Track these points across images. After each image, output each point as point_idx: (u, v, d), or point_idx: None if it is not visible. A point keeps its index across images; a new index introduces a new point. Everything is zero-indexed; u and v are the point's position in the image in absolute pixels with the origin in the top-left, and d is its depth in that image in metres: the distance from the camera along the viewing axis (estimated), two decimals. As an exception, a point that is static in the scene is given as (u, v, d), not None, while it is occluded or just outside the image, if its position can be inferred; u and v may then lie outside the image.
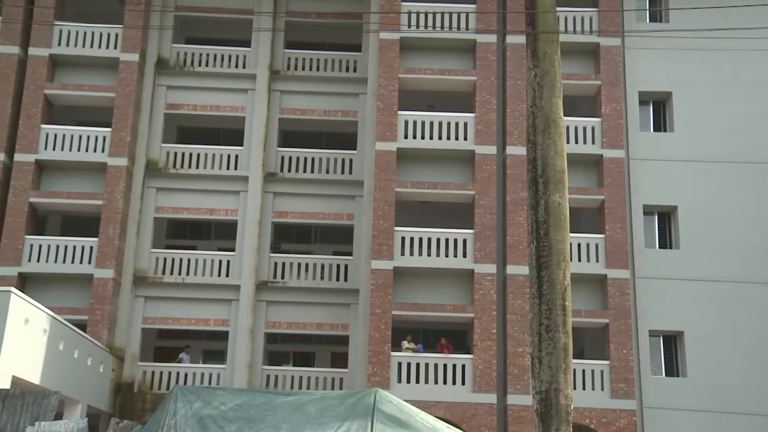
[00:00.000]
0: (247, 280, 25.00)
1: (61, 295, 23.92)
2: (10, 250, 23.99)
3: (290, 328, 25.34)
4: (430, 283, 24.03)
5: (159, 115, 26.45)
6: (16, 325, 16.73)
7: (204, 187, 25.95)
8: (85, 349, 21.12)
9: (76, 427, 13.60)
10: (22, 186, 24.62)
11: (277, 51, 27.14)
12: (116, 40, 26.04)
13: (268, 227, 25.83)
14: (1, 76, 25.08)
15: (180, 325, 25.36)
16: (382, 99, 24.85)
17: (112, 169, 24.96)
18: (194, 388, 15.05)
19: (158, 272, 25.26)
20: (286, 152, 26.58)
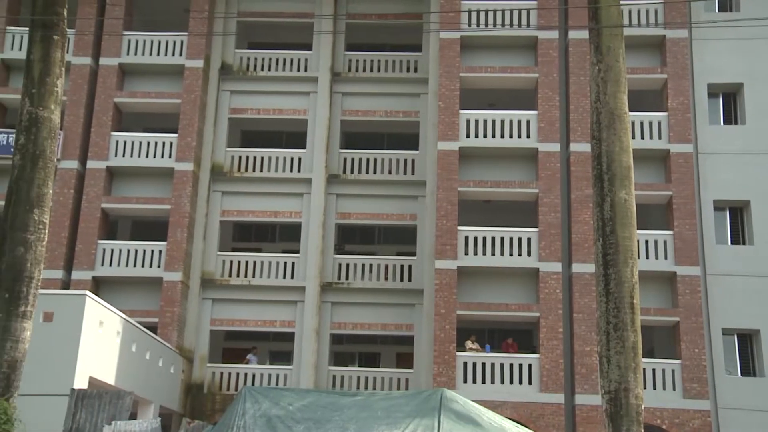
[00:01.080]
0: (312, 281, 25.23)
1: (132, 298, 24.53)
2: (84, 255, 24.71)
3: (355, 329, 25.48)
4: (494, 283, 23.86)
5: (223, 119, 26.91)
6: (92, 327, 17.23)
7: (268, 190, 26.28)
8: (157, 351, 21.62)
9: (150, 427, 13.93)
10: (95, 192, 25.33)
11: (338, 53, 27.33)
12: (181, 47, 26.61)
13: (332, 229, 26.02)
14: (74, 86, 25.86)
15: (247, 327, 25.73)
16: (443, 98, 24.79)
17: (179, 173, 25.49)
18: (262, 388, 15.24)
19: (225, 275, 25.68)
20: (348, 154, 26.74)
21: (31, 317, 12.24)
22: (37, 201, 12.60)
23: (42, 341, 14.95)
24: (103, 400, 13.30)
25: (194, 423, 15.86)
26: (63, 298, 17.89)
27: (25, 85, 13.04)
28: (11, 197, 12.63)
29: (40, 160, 12.72)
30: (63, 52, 13.34)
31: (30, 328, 12.18)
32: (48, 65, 13.02)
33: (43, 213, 12.66)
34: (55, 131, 13.08)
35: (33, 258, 12.36)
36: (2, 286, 12.12)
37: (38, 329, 13.60)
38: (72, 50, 25.57)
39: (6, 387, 11.62)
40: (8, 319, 11.87)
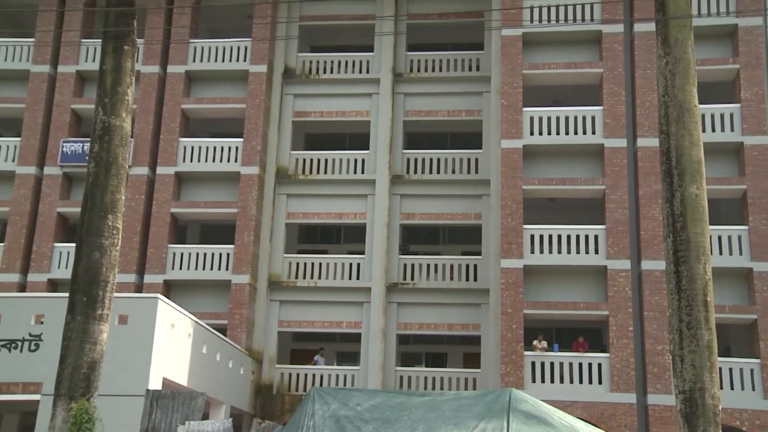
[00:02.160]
0: (378, 282, 25.31)
1: (202, 301, 25.01)
2: (156, 259, 25.30)
3: (421, 329, 25.47)
4: (561, 281, 23.58)
5: (287, 123, 27.23)
6: (164, 330, 17.62)
7: (332, 192, 26.48)
8: (227, 352, 21.99)
9: (222, 427, 14.18)
10: (164, 197, 25.91)
11: (400, 54, 27.37)
12: (245, 53, 27.02)
13: (397, 229, 26.07)
14: (144, 94, 26.51)
15: (314, 328, 25.96)
16: (506, 96, 24.60)
17: (244, 177, 25.88)
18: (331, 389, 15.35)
19: (291, 276, 25.96)
20: (411, 154, 26.75)
21: (108, 320, 12.59)
22: (110, 207, 12.95)
23: (117, 343, 15.35)
24: (176, 401, 13.60)
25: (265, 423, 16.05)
26: (136, 301, 18.36)
27: (99, 94, 13.42)
28: (87, 204, 13.01)
29: (113, 167, 13.08)
30: (133, 62, 13.69)
31: (106, 330, 12.53)
32: (119, 75, 13.38)
33: (117, 218, 13.00)
34: (127, 139, 13.43)
35: (108, 262, 12.71)
36: (80, 290, 12.50)
37: (114, 332, 13.98)
38: (141, 59, 26.22)
39: (86, 387, 11.98)
40: (86, 322, 12.24)
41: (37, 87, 26.99)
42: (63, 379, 12.01)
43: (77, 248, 12.88)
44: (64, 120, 26.67)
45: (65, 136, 26.50)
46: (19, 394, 16.74)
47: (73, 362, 12.05)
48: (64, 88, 26.98)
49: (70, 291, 12.68)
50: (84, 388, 11.94)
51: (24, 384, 16.63)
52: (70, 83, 26.98)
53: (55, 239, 25.75)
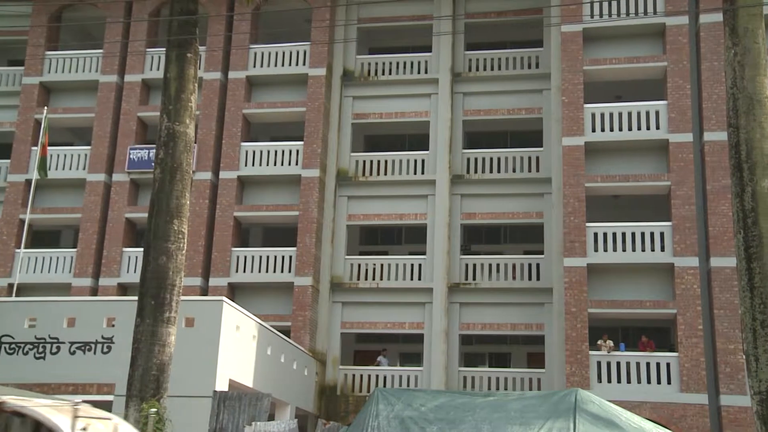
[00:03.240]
0: (439, 282, 25.25)
1: (265, 303, 25.31)
2: (220, 262, 25.71)
3: (484, 329, 25.31)
4: (626, 279, 23.16)
5: (347, 125, 27.38)
6: (229, 332, 17.89)
7: (393, 193, 26.51)
8: (291, 354, 22.21)
9: (288, 428, 14.33)
10: (227, 201, 26.32)
11: (458, 53, 27.26)
12: (304, 56, 27.27)
13: (458, 229, 25.96)
14: (206, 100, 26.99)
15: (376, 329, 26.03)
16: (566, 93, 24.29)
17: (305, 180, 26.12)
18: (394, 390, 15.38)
19: (353, 278, 26.08)
20: (471, 154, 26.62)
21: (175, 323, 12.84)
22: (176, 212, 13.21)
23: (185, 345, 15.64)
24: (243, 402, 13.80)
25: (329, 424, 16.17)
26: (202, 304, 18.68)
27: (163, 102, 13.71)
28: (153, 209, 13.29)
29: (177, 172, 13.33)
30: (196, 69, 13.95)
31: (174, 332, 12.78)
32: (183, 82, 13.64)
33: (182, 223, 13.25)
34: (191, 144, 13.68)
35: (174, 266, 12.96)
36: (148, 294, 12.78)
37: (181, 334, 14.25)
38: (203, 66, 26.71)
39: (156, 388, 12.25)
40: (155, 325, 12.51)
41: (105, 96, 27.73)
42: (134, 381, 12.29)
43: (145, 253, 13.16)
44: (130, 128, 27.33)
45: (132, 143, 27.15)
46: (93, 395, 17.18)
47: (143, 364, 12.32)
48: (131, 96, 27.65)
49: (139, 294, 12.97)
50: (154, 389, 12.21)
51: (98, 385, 17.10)
52: (136, 92, 27.64)
53: (123, 244, 26.39)
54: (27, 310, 18.15)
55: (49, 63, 28.40)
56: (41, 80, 28.21)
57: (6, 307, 18.61)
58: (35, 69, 28.26)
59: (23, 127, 27.70)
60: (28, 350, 17.42)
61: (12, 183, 27.27)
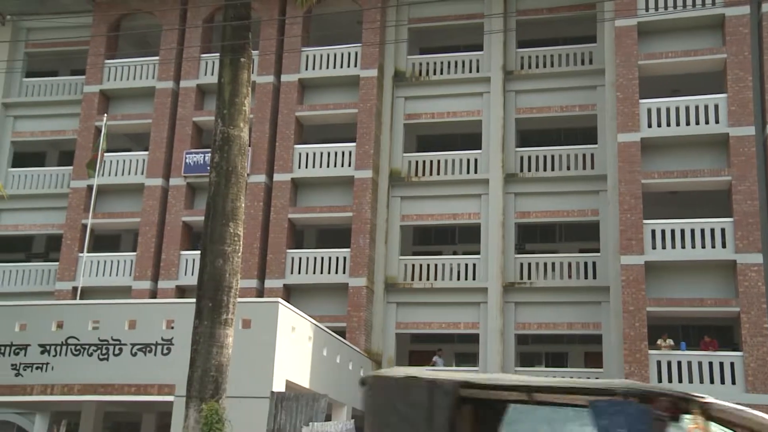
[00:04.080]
0: (494, 282, 25.08)
1: (320, 304, 25.46)
2: (275, 264, 25.97)
3: (540, 328, 25.06)
4: (686, 277, 22.69)
5: (399, 126, 27.39)
6: (285, 333, 18.06)
7: (446, 193, 26.44)
8: (346, 355, 22.31)
9: (345, 428, 14.40)
10: (281, 204, 26.58)
11: (510, 51, 27.06)
12: (356, 58, 27.39)
13: (512, 228, 25.76)
14: (260, 104, 27.30)
15: (431, 330, 25.97)
16: (621, 89, 23.90)
17: (358, 181, 26.21)
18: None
19: (407, 279, 26.07)
20: (524, 152, 26.39)
21: (232, 324, 13.01)
22: (231, 215, 13.38)
23: (242, 347, 15.83)
24: (300, 403, 13.91)
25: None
26: (258, 305, 18.89)
27: (218, 106, 13.90)
28: (209, 212, 13.48)
29: (232, 176, 13.50)
30: (249, 73, 14.11)
31: (232, 334, 12.95)
32: (236, 87, 13.81)
33: (238, 226, 13.42)
34: (245, 148, 13.84)
35: (231, 268, 13.12)
36: (206, 296, 12.96)
37: (238, 335, 14.43)
38: (256, 70, 27.02)
39: (215, 389, 12.42)
40: (213, 327, 12.69)
41: (161, 102, 28.26)
42: (193, 382, 12.49)
43: (202, 256, 13.36)
44: (186, 132, 27.79)
45: (188, 147, 27.60)
46: (154, 396, 17.57)
47: (202, 365, 12.51)
48: (186, 102, 28.13)
49: (197, 297, 13.17)
50: (213, 390, 12.38)
51: (159, 386, 17.43)
52: (191, 97, 28.10)
53: (181, 247, 26.84)
54: (90, 313, 18.61)
55: (108, 71, 29.06)
56: (101, 88, 28.88)
57: (71, 310, 19.12)
58: (95, 77, 28.95)
59: (84, 134, 28.40)
60: (92, 351, 17.86)
61: (74, 189, 27.98)
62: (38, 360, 18.01)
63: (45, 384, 17.93)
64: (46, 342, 18.12)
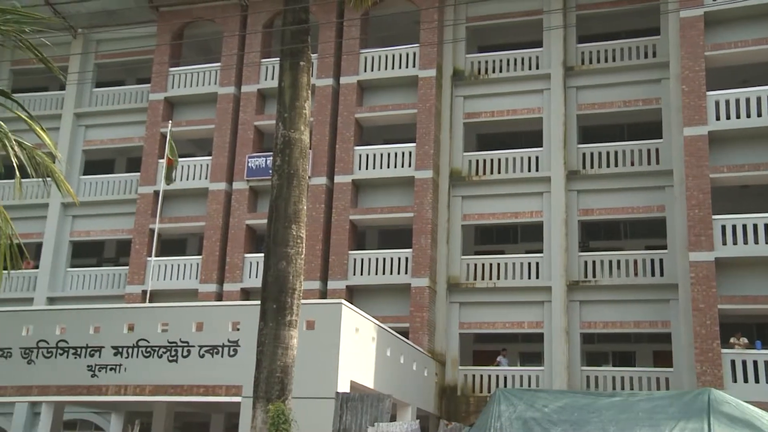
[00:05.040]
0: (558, 280, 24.77)
1: (383, 305, 25.51)
2: (338, 266, 26.13)
3: (606, 327, 24.65)
4: (760, 273, 22.03)
5: (458, 125, 27.28)
6: (349, 334, 18.14)
7: (507, 192, 26.22)
8: (410, 355, 22.30)
9: (410, 429, 14.39)
10: (343, 205, 26.73)
11: (570, 47, 26.70)
12: (414, 58, 27.37)
13: (575, 226, 25.41)
14: (319, 106, 27.52)
15: (495, 329, 25.79)
16: (687, 81, 23.34)
17: (419, 181, 26.19)
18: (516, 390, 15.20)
19: (470, 278, 25.94)
20: (587, 148, 26.00)
21: (297, 326, 13.13)
22: (294, 217, 13.50)
23: (306, 348, 15.96)
24: (365, 403, 13.96)
25: (451, 425, 16.13)
26: (322, 307, 19.00)
27: (278, 110, 14.05)
28: (272, 215, 13.63)
29: (294, 178, 13.62)
30: (309, 77, 14.22)
31: (296, 335, 13.07)
32: (297, 90, 13.94)
33: (300, 228, 13.53)
34: (306, 151, 13.96)
35: (294, 270, 13.24)
36: (270, 298, 13.11)
37: (302, 337, 14.56)
38: (315, 73, 27.24)
39: (281, 390, 12.56)
40: (277, 328, 12.83)
41: (223, 108, 28.73)
42: (260, 383, 12.64)
43: (265, 258, 13.51)
44: (248, 137, 28.19)
45: (250, 151, 27.99)
46: (222, 396, 17.85)
47: (267, 366, 12.65)
48: (247, 106, 28.53)
49: (261, 299, 13.33)
50: (279, 390, 12.51)
51: (226, 387, 17.71)
52: (252, 102, 28.49)
53: (245, 250, 27.23)
54: (159, 316, 19.02)
55: (172, 79, 29.68)
56: (165, 96, 29.51)
57: (141, 313, 19.57)
58: (160, 85, 29.60)
59: (150, 141, 29.06)
60: (162, 353, 18.25)
61: (142, 195, 28.65)
62: (112, 361, 18.51)
63: (119, 384, 18.41)
64: (118, 344, 18.59)
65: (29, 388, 19.10)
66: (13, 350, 19.23)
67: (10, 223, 14.58)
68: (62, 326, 19.22)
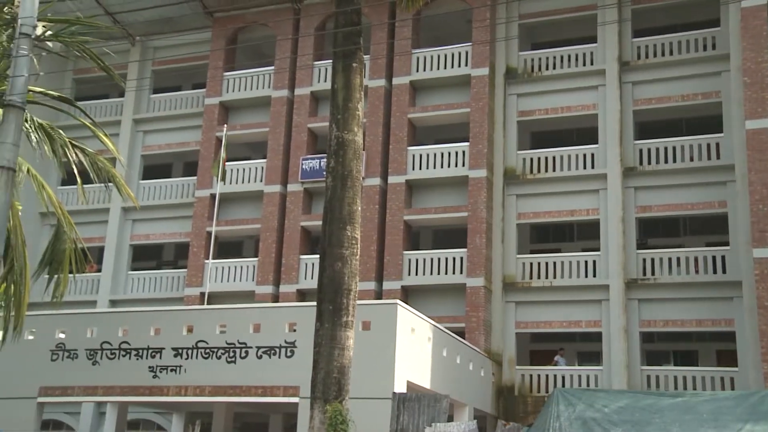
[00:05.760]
0: (616, 279, 24.40)
1: (438, 305, 25.46)
2: (392, 266, 26.17)
3: (666, 326, 24.19)
4: (827, 270, 21.36)
5: (512, 123, 27.08)
6: (405, 334, 18.16)
7: (562, 189, 25.95)
8: (466, 355, 22.22)
9: (468, 429, 14.34)
10: (397, 206, 26.76)
11: (625, 42, 26.27)
12: (466, 57, 27.26)
13: (632, 223, 25.01)
14: (372, 107, 27.60)
15: (552, 329, 25.53)
16: (749, 73, 22.77)
17: (473, 181, 26.07)
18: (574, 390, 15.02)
19: (526, 277, 25.73)
20: (643, 144, 25.56)
21: (353, 326, 13.18)
22: (348, 218, 13.54)
23: (362, 348, 16.01)
24: (422, 403, 13.94)
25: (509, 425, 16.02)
26: (377, 307, 19.05)
27: (332, 112, 14.12)
28: (327, 216, 13.70)
29: (348, 180, 13.66)
30: (361, 78, 14.26)
31: (352, 336, 13.12)
32: (349, 91, 13.99)
33: (355, 229, 13.57)
34: (360, 152, 13.99)
35: (349, 271, 13.28)
36: (326, 299, 13.18)
37: (358, 337, 14.61)
38: (368, 74, 27.32)
39: (338, 391, 12.62)
40: (334, 329, 12.89)
41: (277, 111, 29.03)
42: (317, 383, 12.72)
43: (321, 259, 13.59)
44: (302, 139, 28.43)
45: (303, 154, 28.22)
46: (280, 397, 18.05)
47: (324, 367, 12.73)
48: (301, 109, 28.78)
49: (317, 300, 13.41)
50: (336, 391, 12.58)
51: (284, 387, 17.89)
52: (305, 104, 28.72)
53: (300, 252, 27.46)
54: (218, 317, 19.31)
55: (226, 83, 30.11)
56: (220, 100, 29.94)
57: (200, 315, 19.91)
58: (215, 90, 30.06)
59: (206, 145, 29.52)
60: (221, 354, 18.52)
61: (199, 198, 29.13)
62: (172, 363, 18.86)
63: (179, 385, 18.75)
64: (178, 345, 18.93)
65: (95, 389, 19.60)
66: (79, 351, 19.74)
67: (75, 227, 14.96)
68: (124, 328, 19.65)
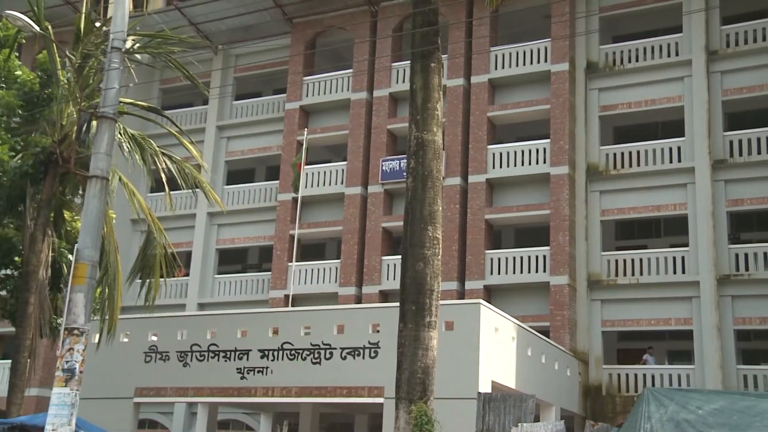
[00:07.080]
0: (707, 275, 23.65)
1: (522, 304, 25.19)
2: (474, 265, 26.02)
3: (764, 324, 23.30)
4: None
5: (594, 118, 26.56)
6: (488, 334, 18.04)
7: (648, 185, 25.33)
8: (551, 354, 21.91)
9: (555, 429, 14.15)
10: (478, 205, 26.59)
11: (713, 30, 25.43)
12: (545, 53, 26.88)
13: (723, 217, 24.20)
14: (451, 106, 27.50)
15: (639, 327, 24.96)
16: (844, 58, 21.70)
17: (554, 178, 25.68)
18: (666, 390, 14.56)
19: (611, 275, 25.20)
20: (734, 136, 24.70)
21: (436, 327, 13.16)
22: (429, 218, 13.54)
23: (446, 349, 15.97)
24: (507, 403, 13.83)
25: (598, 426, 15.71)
26: (460, 307, 18.99)
27: (411, 113, 14.14)
28: (408, 217, 13.73)
29: (428, 180, 13.66)
30: (440, 78, 14.24)
31: (436, 336, 13.11)
32: (428, 91, 13.98)
33: (436, 229, 13.55)
34: (440, 152, 13.97)
35: (431, 272, 13.28)
36: (408, 299, 13.21)
37: (442, 337, 14.58)
38: (446, 74, 27.24)
39: (422, 391, 12.63)
40: (417, 329, 12.91)
41: (357, 113, 29.26)
42: (401, 384, 12.76)
43: (403, 260, 13.63)
44: (381, 140, 28.56)
45: (383, 155, 28.35)
46: (365, 398, 18.18)
47: (408, 367, 12.76)
48: (380, 110, 28.92)
49: (400, 301, 13.45)
50: (420, 391, 12.59)
51: (369, 388, 18.02)
52: (384, 106, 28.85)
53: (382, 253, 27.58)
54: (302, 319, 19.59)
55: (306, 87, 30.52)
56: (301, 104, 30.37)
57: (285, 317, 20.23)
58: (295, 94, 30.50)
59: (288, 149, 29.98)
60: (306, 356, 18.78)
61: (281, 202, 29.60)
62: (259, 364, 19.22)
63: (266, 386, 19.10)
64: (264, 347, 19.28)
65: (186, 390, 20.15)
66: (170, 353, 20.33)
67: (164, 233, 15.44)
68: (212, 330, 20.14)
